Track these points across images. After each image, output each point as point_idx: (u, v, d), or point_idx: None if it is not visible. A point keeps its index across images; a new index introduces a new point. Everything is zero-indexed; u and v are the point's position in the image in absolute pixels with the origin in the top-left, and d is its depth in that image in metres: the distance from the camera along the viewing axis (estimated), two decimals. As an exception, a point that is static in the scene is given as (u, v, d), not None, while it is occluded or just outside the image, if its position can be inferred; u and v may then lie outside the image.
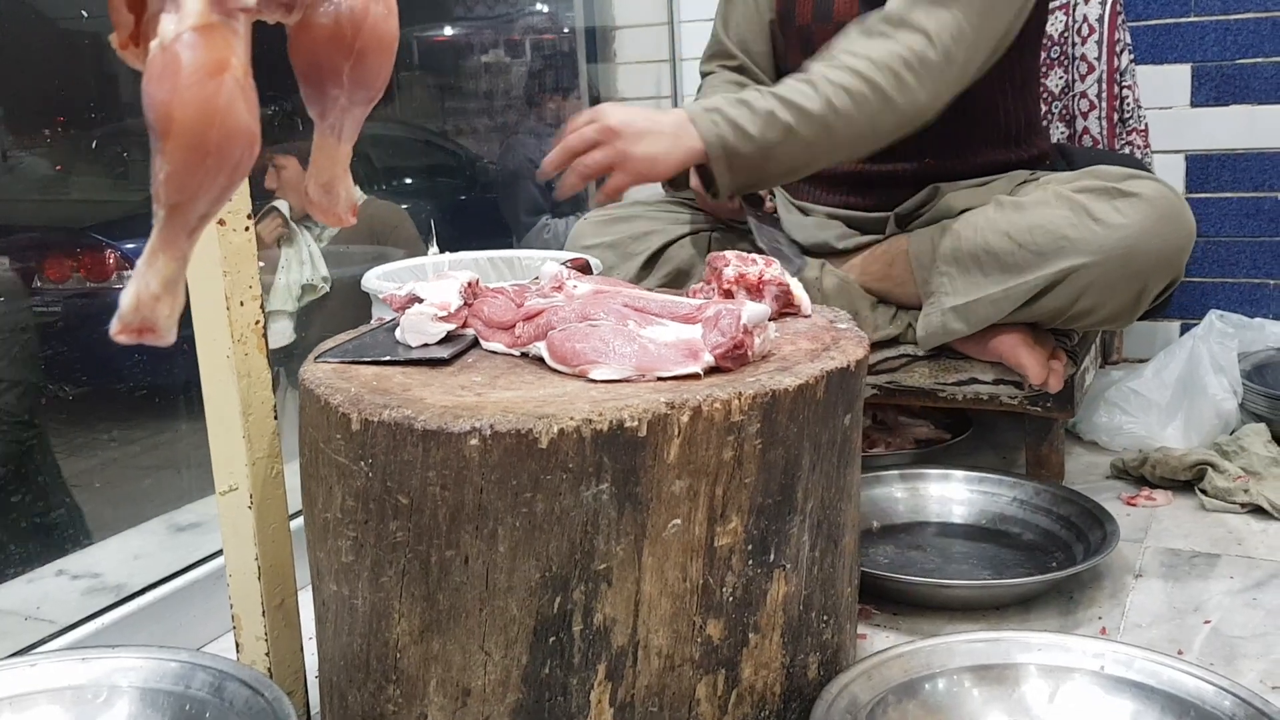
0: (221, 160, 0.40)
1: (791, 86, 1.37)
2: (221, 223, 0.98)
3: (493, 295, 1.08)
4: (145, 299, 0.44)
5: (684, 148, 1.34)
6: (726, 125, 1.34)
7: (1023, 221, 1.43)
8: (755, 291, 1.12)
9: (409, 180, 3.11)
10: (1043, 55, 2.08)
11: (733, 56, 1.76)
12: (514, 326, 1.03)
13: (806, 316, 1.15)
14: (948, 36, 1.37)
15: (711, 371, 0.94)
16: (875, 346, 1.60)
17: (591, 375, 0.93)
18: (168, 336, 0.45)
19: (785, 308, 1.14)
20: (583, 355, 0.94)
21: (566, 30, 3.01)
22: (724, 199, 1.42)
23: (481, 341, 1.05)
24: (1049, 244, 1.42)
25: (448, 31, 3.42)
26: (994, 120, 1.60)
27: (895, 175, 1.60)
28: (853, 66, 1.36)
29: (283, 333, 2.46)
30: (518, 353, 1.02)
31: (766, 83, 1.74)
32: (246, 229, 1.01)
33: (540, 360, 0.99)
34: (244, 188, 1.00)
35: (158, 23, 0.41)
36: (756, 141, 1.34)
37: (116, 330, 0.45)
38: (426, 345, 1.03)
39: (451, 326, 1.04)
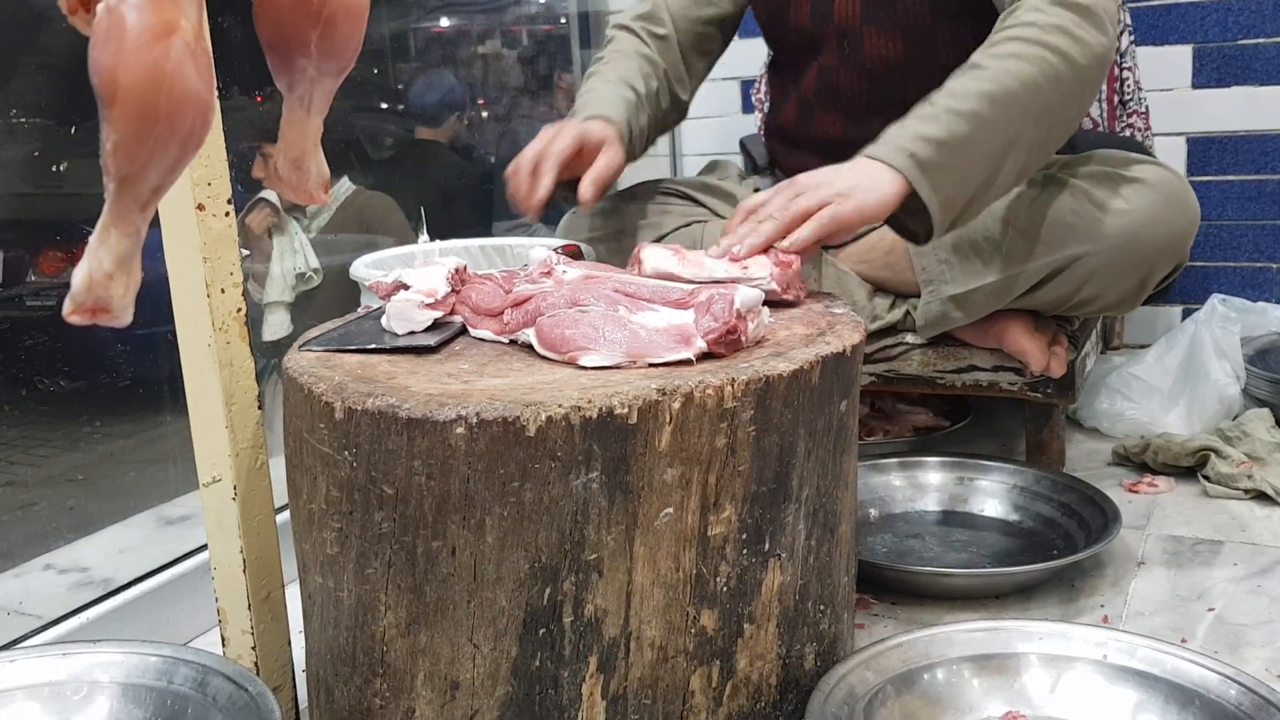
0: (172, 128, 0.38)
1: (957, 79, 1.25)
2: (201, 208, 0.96)
3: (481, 281, 1.05)
4: (98, 277, 0.42)
5: (885, 181, 1.17)
6: (909, 141, 1.18)
7: (1024, 209, 1.40)
8: None
9: (402, 170, 3.08)
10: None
11: (661, 24, 1.64)
12: (502, 313, 1.01)
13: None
14: None
15: (704, 357, 0.91)
16: (873, 335, 1.57)
17: (581, 362, 0.91)
18: (123, 317, 0.43)
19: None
20: (572, 342, 0.92)
21: (561, 20, 2.99)
22: (941, 228, 1.23)
23: (469, 329, 1.03)
24: (1052, 232, 1.39)
25: (440, 16, 3.40)
26: None
27: None
28: (1018, 35, 1.26)
29: (280, 324, 2.43)
30: (506, 340, 1.00)
31: (671, 68, 1.63)
32: (226, 214, 0.98)
33: (529, 347, 0.97)
34: (223, 172, 0.97)
35: (106, -15, 0.38)
36: (947, 142, 1.19)
37: (69, 311, 0.43)
38: (413, 333, 1.01)
39: (438, 314, 1.02)
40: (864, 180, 1.17)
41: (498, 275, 1.07)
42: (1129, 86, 2.05)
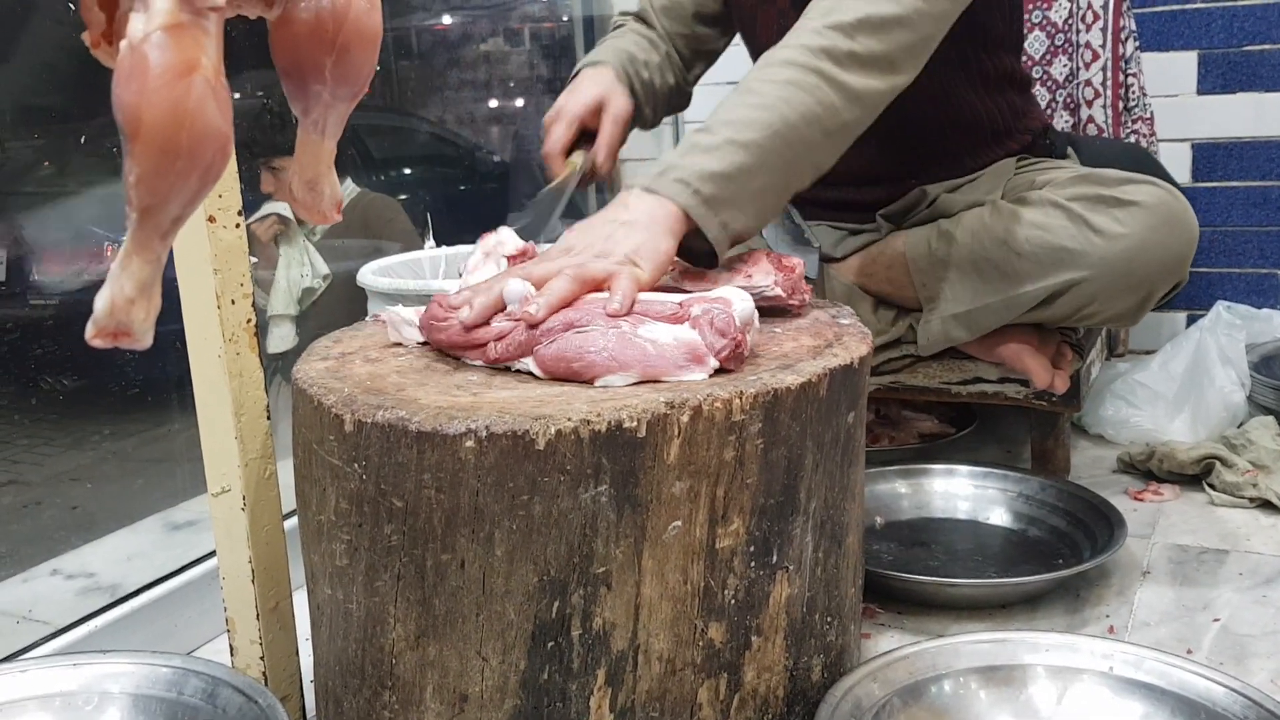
0: (193, 163, 0.38)
1: (732, 103, 1.17)
2: (212, 220, 0.96)
3: (443, 316, 0.99)
4: (120, 303, 0.43)
5: (664, 228, 1.08)
6: (691, 176, 1.10)
7: (1020, 231, 1.40)
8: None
9: (406, 171, 3.08)
10: (1047, 43, 2.05)
11: (649, 25, 1.65)
12: (485, 345, 0.96)
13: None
14: None
15: (712, 371, 0.91)
16: (878, 349, 1.58)
17: (597, 385, 0.90)
18: (143, 340, 0.44)
19: None
20: (582, 374, 0.90)
21: (564, 19, 2.99)
22: (724, 251, 1.14)
23: (462, 357, 0.99)
24: (1048, 255, 1.39)
25: (443, 19, 3.40)
26: (977, 126, 1.55)
27: (887, 200, 1.57)
28: (787, 60, 1.18)
29: (285, 338, 2.43)
30: (500, 369, 0.96)
31: (675, 56, 1.63)
32: (237, 226, 0.99)
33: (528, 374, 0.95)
34: (234, 184, 0.98)
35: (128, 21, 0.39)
36: (729, 175, 1.12)
37: (91, 335, 0.44)
38: None
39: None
40: (645, 238, 1.06)
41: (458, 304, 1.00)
42: (1134, 92, 2.06)
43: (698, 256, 1.16)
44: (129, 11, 0.40)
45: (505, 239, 1.18)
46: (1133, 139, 2.07)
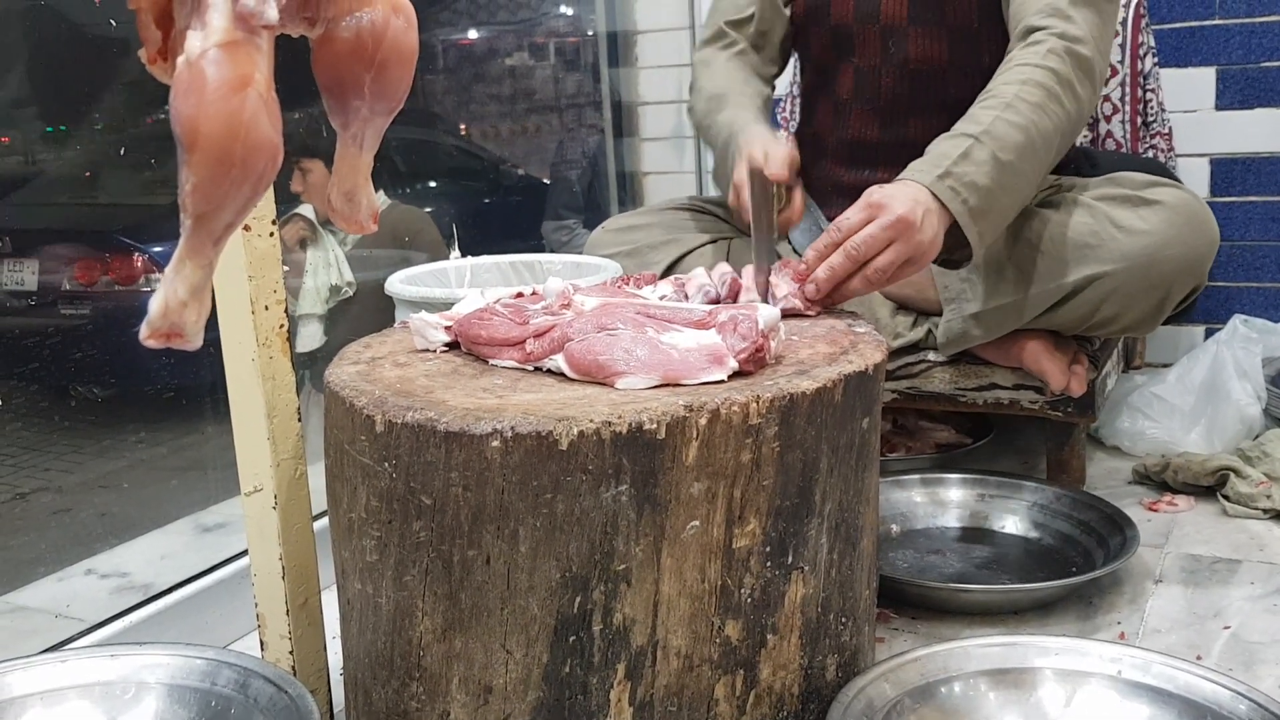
0: (246, 172, 0.42)
1: (995, 118, 1.30)
2: (246, 228, 1.00)
3: (487, 316, 1.05)
4: (173, 305, 0.46)
5: (944, 221, 1.23)
6: (964, 189, 1.24)
7: (1044, 229, 1.43)
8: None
9: (432, 183, 3.13)
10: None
11: (731, 41, 1.71)
12: (523, 342, 1.01)
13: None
14: (1096, 32, 1.38)
15: (731, 375, 0.94)
16: (895, 353, 1.60)
17: (619, 385, 0.93)
18: (195, 341, 0.47)
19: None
20: (608, 367, 0.94)
21: (589, 34, 3.03)
22: (979, 256, 1.31)
23: (489, 360, 1.03)
24: (1071, 252, 1.41)
25: (471, 35, 3.45)
26: None
27: None
28: (1039, 81, 1.32)
29: (314, 336, 2.48)
30: (530, 368, 1.00)
31: (761, 62, 1.72)
32: (271, 234, 1.02)
33: (557, 374, 0.98)
34: (268, 194, 1.01)
35: (185, 39, 0.42)
36: (991, 190, 1.26)
37: (145, 335, 0.47)
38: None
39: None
40: (935, 231, 1.21)
41: (500, 308, 1.07)
42: (1152, 108, 2.07)
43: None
44: (185, 30, 0.43)
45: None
46: (1151, 154, 2.09)
